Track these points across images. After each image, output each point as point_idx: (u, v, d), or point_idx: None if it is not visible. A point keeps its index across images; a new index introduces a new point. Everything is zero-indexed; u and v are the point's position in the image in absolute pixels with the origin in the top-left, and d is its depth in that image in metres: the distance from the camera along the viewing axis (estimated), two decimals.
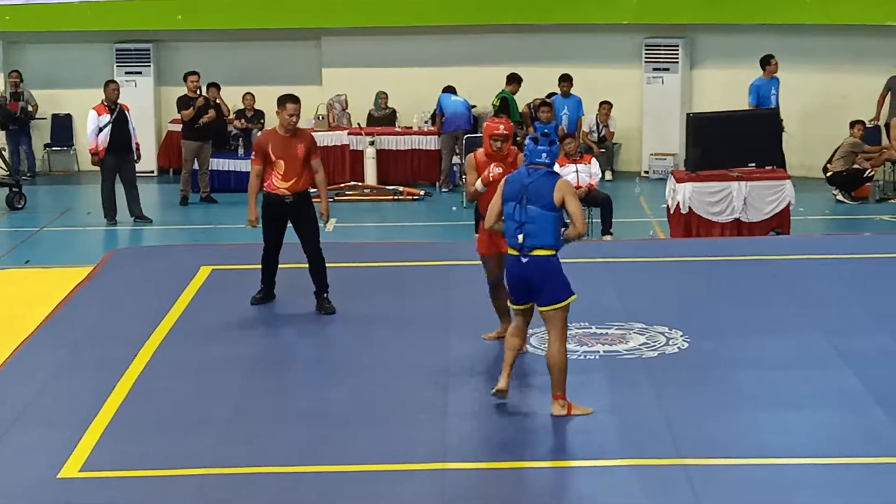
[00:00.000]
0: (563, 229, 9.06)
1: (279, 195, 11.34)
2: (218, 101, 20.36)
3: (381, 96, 21.17)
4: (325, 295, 11.54)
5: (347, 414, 9.23)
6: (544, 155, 9.02)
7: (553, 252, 8.96)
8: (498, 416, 9.11)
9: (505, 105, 19.64)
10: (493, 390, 9.19)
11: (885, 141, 19.61)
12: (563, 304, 8.99)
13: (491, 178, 10.05)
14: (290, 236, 11.65)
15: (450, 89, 20.41)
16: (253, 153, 11.53)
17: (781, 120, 18.76)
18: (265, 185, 11.39)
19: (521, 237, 8.92)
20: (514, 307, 9.27)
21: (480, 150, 10.41)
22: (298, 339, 10.93)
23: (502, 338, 10.25)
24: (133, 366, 10.17)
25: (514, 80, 19.98)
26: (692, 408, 9.16)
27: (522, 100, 20.08)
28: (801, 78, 19.60)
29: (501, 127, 10.27)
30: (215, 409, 9.29)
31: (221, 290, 12.43)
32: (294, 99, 11.38)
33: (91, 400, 9.43)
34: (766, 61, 19.13)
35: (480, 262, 10.48)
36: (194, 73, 19.73)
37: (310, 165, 11.39)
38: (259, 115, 21.14)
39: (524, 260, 8.96)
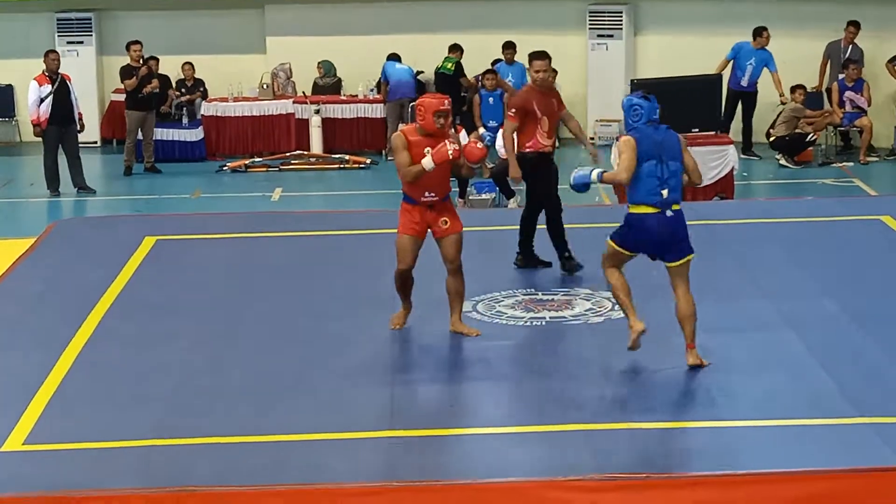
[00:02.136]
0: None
1: (545, 152, 11.35)
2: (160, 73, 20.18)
3: (319, 64, 21.06)
4: (567, 254, 11.45)
5: (292, 384, 9.21)
6: (657, 110, 9.31)
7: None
8: (443, 384, 9.12)
9: (461, 69, 19.64)
10: (635, 334, 9.24)
11: (826, 106, 19.74)
12: (692, 254, 9.29)
13: (451, 155, 9.60)
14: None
15: (394, 57, 20.35)
16: (513, 110, 11.29)
17: (781, 94, 19.01)
18: (529, 143, 11.28)
19: (665, 192, 9.12)
20: (627, 254, 9.35)
21: (409, 128, 9.91)
22: (243, 309, 10.87)
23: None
24: (76, 338, 10.10)
25: (456, 48, 19.97)
26: (638, 372, 9.21)
27: (467, 68, 20.05)
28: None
29: (446, 102, 9.84)
30: (159, 381, 9.25)
31: (166, 260, 12.35)
32: (539, 55, 11.32)
33: (34, 373, 9.36)
34: (757, 32, 19.25)
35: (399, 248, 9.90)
36: (137, 42, 19.55)
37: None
38: (198, 83, 20.96)
39: (668, 215, 9.16)
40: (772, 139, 19.13)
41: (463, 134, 17.17)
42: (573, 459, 7.91)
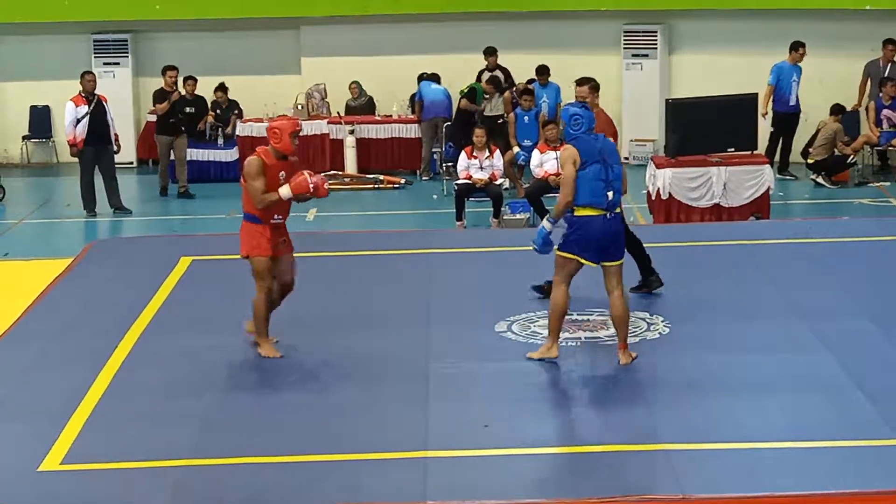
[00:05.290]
0: None
1: None
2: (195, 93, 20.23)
3: (352, 85, 21.14)
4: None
5: (329, 403, 9.22)
6: (595, 121, 9.69)
7: None
8: (479, 404, 9.11)
9: (473, 93, 19.66)
10: (546, 356, 9.61)
11: (864, 125, 19.64)
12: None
13: (311, 190, 9.70)
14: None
15: (431, 77, 20.38)
16: None
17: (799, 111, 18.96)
18: None
19: (611, 194, 9.45)
20: (573, 258, 9.52)
21: (264, 150, 9.79)
22: (278, 329, 10.89)
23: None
24: (113, 357, 10.15)
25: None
26: (674, 393, 9.18)
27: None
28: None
29: (300, 123, 9.89)
30: (196, 401, 9.28)
31: (202, 280, 12.41)
32: (579, 81, 10.94)
33: (71, 392, 9.41)
34: (793, 47, 19.20)
35: (258, 272, 9.91)
36: (173, 67, 19.57)
37: None
38: (233, 105, 21.00)
39: (612, 217, 9.49)
40: (811, 161, 19.04)
41: (497, 154, 17.20)
42: (609, 480, 7.89)
